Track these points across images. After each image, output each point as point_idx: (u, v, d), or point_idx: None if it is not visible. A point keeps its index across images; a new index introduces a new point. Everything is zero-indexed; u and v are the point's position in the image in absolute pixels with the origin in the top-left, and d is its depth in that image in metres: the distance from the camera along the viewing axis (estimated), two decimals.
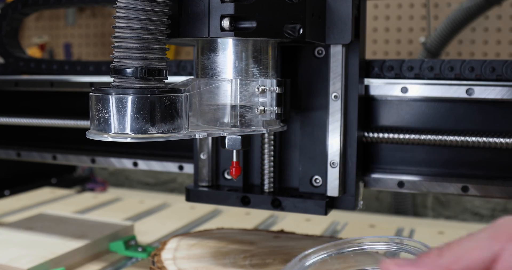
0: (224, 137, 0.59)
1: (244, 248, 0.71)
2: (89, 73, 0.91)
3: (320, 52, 0.67)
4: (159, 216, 1.07)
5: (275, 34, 0.57)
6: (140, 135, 0.51)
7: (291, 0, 0.57)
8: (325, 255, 0.49)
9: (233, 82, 0.58)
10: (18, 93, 0.99)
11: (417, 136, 0.70)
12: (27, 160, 0.95)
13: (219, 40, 0.58)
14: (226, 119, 0.58)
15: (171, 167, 0.83)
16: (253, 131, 0.58)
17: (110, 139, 0.51)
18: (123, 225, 0.89)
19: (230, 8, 0.54)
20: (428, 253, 0.38)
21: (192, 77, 0.63)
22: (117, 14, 0.51)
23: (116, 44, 0.52)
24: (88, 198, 1.23)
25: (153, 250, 0.76)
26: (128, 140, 0.51)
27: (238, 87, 0.58)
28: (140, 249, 0.81)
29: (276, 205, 0.69)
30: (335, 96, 0.66)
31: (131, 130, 0.51)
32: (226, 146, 0.60)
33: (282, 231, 0.80)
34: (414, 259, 0.39)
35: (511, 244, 0.36)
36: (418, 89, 0.70)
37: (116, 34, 0.52)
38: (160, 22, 0.52)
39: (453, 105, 0.71)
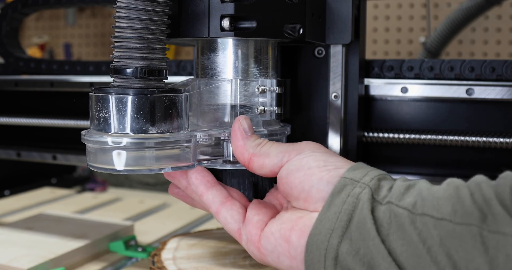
0: None
1: (244, 248, 0.71)
2: (89, 73, 0.91)
3: (320, 52, 0.67)
4: (159, 216, 1.07)
5: (275, 34, 0.57)
6: (140, 135, 0.51)
7: (291, 0, 0.57)
8: None
9: (233, 82, 0.58)
10: (18, 93, 0.99)
11: (417, 136, 0.70)
12: (27, 160, 0.95)
13: (219, 40, 0.58)
14: (226, 119, 0.58)
15: None
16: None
17: (110, 139, 0.51)
18: (123, 225, 0.89)
19: (230, 8, 0.54)
20: (259, 137, 0.54)
21: (192, 77, 0.63)
22: (117, 14, 0.51)
23: (116, 44, 0.52)
24: (88, 198, 1.23)
25: (153, 250, 0.76)
26: (128, 140, 0.51)
27: (238, 87, 0.58)
28: (140, 249, 0.81)
29: None
30: (335, 96, 0.66)
31: (131, 129, 0.51)
32: None
33: None
34: (250, 133, 0.54)
35: (299, 155, 0.50)
36: (418, 89, 0.70)
37: (116, 34, 0.52)
38: (160, 22, 0.52)
39: (453, 105, 0.71)
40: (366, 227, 0.43)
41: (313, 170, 0.48)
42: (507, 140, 0.67)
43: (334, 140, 0.67)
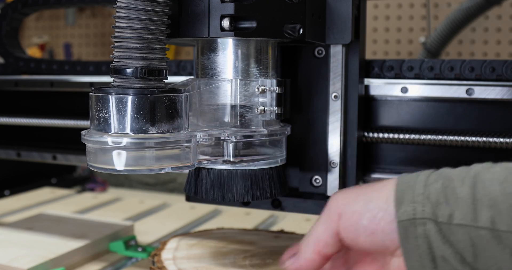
0: None
1: (244, 248, 0.71)
2: (89, 73, 0.91)
3: (320, 52, 0.67)
4: (159, 216, 1.07)
5: (275, 34, 0.57)
6: (140, 135, 0.51)
7: (291, 0, 0.57)
8: None
9: (233, 82, 0.58)
10: (18, 93, 0.99)
11: (417, 136, 0.70)
12: (27, 160, 0.95)
13: (219, 40, 0.58)
14: (226, 119, 0.58)
15: None
16: (253, 131, 0.58)
17: (110, 139, 0.51)
18: (123, 225, 0.89)
19: (230, 8, 0.54)
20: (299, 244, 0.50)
21: (192, 77, 0.63)
22: (117, 14, 0.51)
23: (116, 44, 0.52)
24: (88, 198, 1.23)
25: (153, 250, 0.76)
26: (128, 140, 0.51)
27: (238, 87, 0.58)
28: (140, 249, 0.81)
29: (276, 205, 0.69)
30: (335, 96, 0.66)
31: (131, 129, 0.51)
32: None
33: (282, 231, 0.80)
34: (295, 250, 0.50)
35: (342, 221, 0.47)
36: (418, 89, 0.70)
37: (116, 34, 0.52)
38: (160, 22, 0.52)
39: (453, 105, 0.71)
40: (450, 263, 0.42)
41: (370, 228, 0.46)
42: (507, 140, 0.67)
43: (334, 140, 0.66)
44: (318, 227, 0.49)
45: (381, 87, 0.72)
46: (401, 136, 0.70)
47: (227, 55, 0.58)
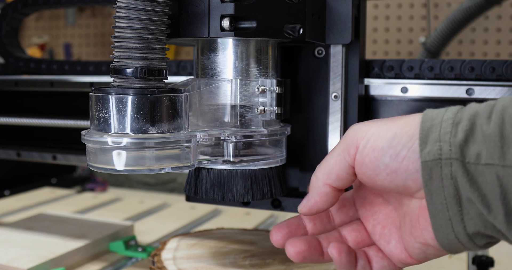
0: None
1: (244, 248, 0.71)
2: (89, 73, 0.91)
3: (320, 52, 0.67)
4: (159, 216, 1.07)
5: (275, 34, 0.57)
6: (140, 135, 0.51)
7: (291, 0, 0.57)
8: None
9: (233, 82, 0.58)
10: (18, 93, 0.99)
11: None
12: (27, 160, 0.95)
13: (219, 40, 0.58)
14: (226, 119, 0.58)
15: None
16: (253, 131, 0.58)
17: (110, 139, 0.51)
18: (123, 225, 0.89)
19: (230, 8, 0.54)
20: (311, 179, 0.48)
21: (192, 77, 0.63)
22: (117, 14, 0.51)
23: (116, 44, 0.52)
24: (88, 198, 1.23)
25: (153, 250, 0.76)
26: (128, 140, 0.51)
27: (238, 87, 0.58)
28: (140, 249, 0.81)
29: (276, 205, 0.69)
30: (335, 96, 0.66)
31: (131, 129, 0.51)
32: None
33: None
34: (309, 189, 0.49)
35: (360, 155, 0.45)
36: (418, 89, 0.70)
37: (116, 34, 0.52)
38: (160, 22, 0.52)
39: (453, 105, 0.71)
40: (477, 206, 0.40)
41: (392, 166, 0.43)
42: None
43: (334, 141, 0.66)
44: (331, 160, 0.47)
45: (381, 87, 0.72)
46: None
47: (227, 55, 0.58)
